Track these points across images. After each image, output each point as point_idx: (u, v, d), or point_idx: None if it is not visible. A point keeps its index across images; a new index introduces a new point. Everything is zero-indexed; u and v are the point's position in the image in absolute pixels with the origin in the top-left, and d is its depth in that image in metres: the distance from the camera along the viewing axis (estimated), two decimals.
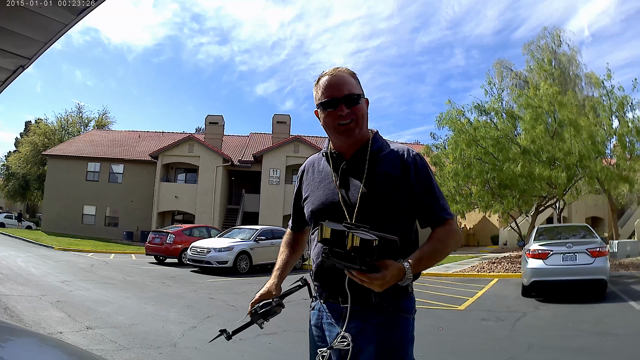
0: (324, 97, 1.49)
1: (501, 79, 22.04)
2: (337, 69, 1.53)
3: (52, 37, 3.47)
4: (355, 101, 1.48)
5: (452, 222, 1.50)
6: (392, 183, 1.46)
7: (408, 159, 1.49)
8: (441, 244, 1.45)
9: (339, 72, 1.52)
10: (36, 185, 38.23)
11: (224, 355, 4.44)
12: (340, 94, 1.47)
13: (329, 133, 1.56)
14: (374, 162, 1.51)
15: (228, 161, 28.96)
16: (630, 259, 13.91)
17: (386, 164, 1.49)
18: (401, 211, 1.46)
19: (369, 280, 1.29)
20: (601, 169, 13.34)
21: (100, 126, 43.41)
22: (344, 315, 1.41)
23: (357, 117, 1.49)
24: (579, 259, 7.99)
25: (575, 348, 4.96)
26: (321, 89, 1.51)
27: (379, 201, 1.44)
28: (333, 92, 1.48)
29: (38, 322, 5.37)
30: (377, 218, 1.42)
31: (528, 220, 18.52)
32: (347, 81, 1.50)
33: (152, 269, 13.30)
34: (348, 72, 1.53)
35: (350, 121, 1.48)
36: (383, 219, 1.43)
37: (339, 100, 1.47)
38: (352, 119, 1.48)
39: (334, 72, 1.51)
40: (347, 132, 1.50)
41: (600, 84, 14.79)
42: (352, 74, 1.54)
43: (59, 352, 1.35)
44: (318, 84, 1.53)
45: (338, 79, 1.49)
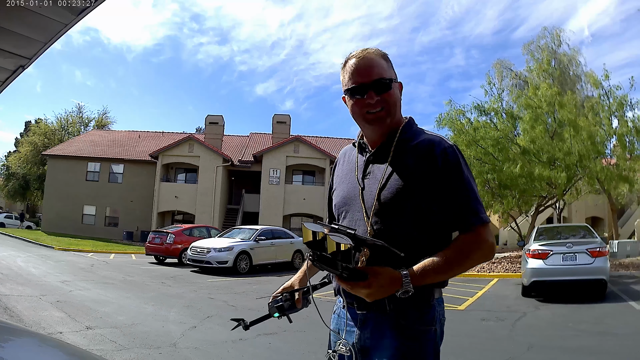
0: (350, 82, 1.34)
1: (501, 79, 22.05)
2: (366, 50, 1.36)
3: (52, 37, 3.47)
4: (386, 87, 1.33)
5: (482, 229, 1.26)
6: (414, 178, 1.28)
7: (436, 151, 1.29)
8: (459, 254, 1.25)
9: (368, 53, 1.35)
10: (36, 185, 38.24)
11: (224, 355, 4.44)
12: (368, 79, 1.32)
13: (357, 122, 1.40)
14: (399, 153, 1.34)
15: (228, 161, 28.96)
16: (630, 259, 13.90)
17: (412, 157, 1.32)
18: (423, 211, 1.28)
19: (351, 288, 1.19)
20: (601, 169, 13.35)
21: (100, 126, 43.43)
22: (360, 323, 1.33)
23: (388, 104, 1.33)
24: (579, 259, 7.99)
25: (575, 348, 4.96)
26: (348, 74, 1.36)
27: (397, 198, 1.28)
28: (361, 77, 1.33)
29: (38, 322, 5.37)
30: (394, 217, 1.29)
31: (528, 220, 18.53)
32: (377, 64, 1.34)
33: (152, 269, 13.30)
34: (378, 54, 1.36)
35: (381, 109, 1.33)
36: (401, 219, 1.28)
37: (367, 87, 1.32)
38: (382, 107, 1.33)
39: (362, 54, 1.35)
40: (376, 122, 1.35)
41: (599, 84, 14.80)
42: (382, 56, 1.37)
43: (59, 352, 1.35)
44: (345, 68, 1.37)
45: (366, 62, 1.33)
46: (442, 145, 1.31)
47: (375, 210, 1.31)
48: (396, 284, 1.18)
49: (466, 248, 1.26)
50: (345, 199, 1.42)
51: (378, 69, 1.33)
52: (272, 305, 1.51)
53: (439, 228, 1.31)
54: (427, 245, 1.27)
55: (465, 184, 1.29)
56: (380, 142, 1.39)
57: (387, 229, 1.29)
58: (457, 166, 1.29)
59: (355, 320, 1.34)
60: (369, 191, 1.34)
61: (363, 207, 1.34)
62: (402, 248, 1.20)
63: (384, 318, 1.28)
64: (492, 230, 1.30)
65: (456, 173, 1.28)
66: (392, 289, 1.19)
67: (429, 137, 1.35)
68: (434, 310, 1.31)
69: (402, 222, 1.28)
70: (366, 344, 1.31)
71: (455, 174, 1.28)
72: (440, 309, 1.33)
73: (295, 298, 1.49)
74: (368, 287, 1.17)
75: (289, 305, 1.49)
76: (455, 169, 1.29)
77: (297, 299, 1.49)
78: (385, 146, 1.37)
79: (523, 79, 21.39)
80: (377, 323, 1.30)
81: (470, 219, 1.26)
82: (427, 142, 1.32)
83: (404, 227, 1.28)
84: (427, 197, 1.27)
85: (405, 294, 1.19)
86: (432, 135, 1.37)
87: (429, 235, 1.29)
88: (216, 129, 30.34)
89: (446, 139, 1.36)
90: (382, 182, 1.32)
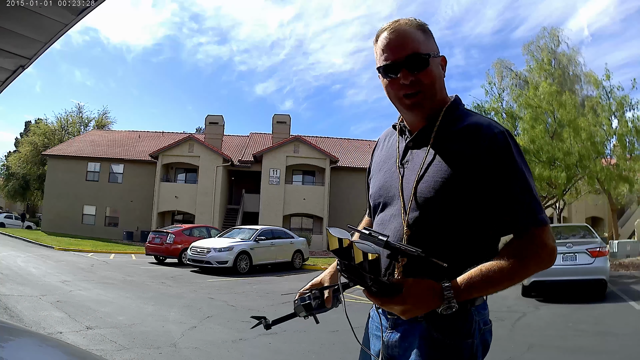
0: (382, 59, 1.17)
1: (501, 79, 22.04)
2: (398, 22, 1.17)
3: (52, 37, 3.47)
4: (423, 63, 1.13)
5: (540, 232, 1.06)
6: (457, 169, 1.10)
7: (484, 138, 1.09)
8: (513, 263, 1.04)
9: (401, 25, 1.16)
10: (36, 185, 38.24)
11: (224, 355, 4.44)
12: (401, 55, 1.13)
13: (395, 105, 1.22)
14: (442, 139, 1.16)
15: (228, 161, 28.96)
16: (630, 259, 13.91)
17: (456, 143, 1.13)
18: (469, 209, 1.10)
19: (381, 304, 1.05)
20: (601, 169, 13.37)
21: (100, 126, 43.42)
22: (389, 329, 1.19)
23: (425, 86, 1.14)
24: (579, 259, 8.00)
25: (575, 348, 4.96)
26: (380, 49, 1.18)
27: (437, 193, 1.11)
28: (393, 53, 1.14)
29: (38, 322, 5.37)
30: (434, 216, 1.11)
31: None
32: (412, 38, 1.14)
33: (152, 269, 13.30)
34: (414, 25, 1.17)
35: (418, 92, 1.15)
36: (442, 218, 1.11)
37: (400, 64, 1.13)
38: (420, 90, 1.15)
39: (395, 27, 1.16)
40: (414, 106, 1.17)
41: (600, 84, 14.81)
42: (420, 26, 1.18)
43: (59, 352, 1.35)
44: (377, 44, 1.20)
45: (400, 36, 1.14)
46: (491, 130, 1.10)
47: (413, 206, 1.14)
48: (437, 299, 1.02)
49: (521, 255, 1.05)
50: (381, 189, 1.26)
51: (413, 44, 1.13)
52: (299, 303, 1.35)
53: (487, 232, 1.13)
54: (474, 251, 1.10)
55: (519, 178, 1.08)
56: (422, 126, 1.20)
57: (425, 229, 1.12)
58: (509, 156, 1.08)
59: (385, 325, 1.19)
60: (408, 183, 1.17)
61: (401, 200, 1.17)
62: (444, 255, 1.04)
63: (415, 326, 1.12)
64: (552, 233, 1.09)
65: (508, 164, 1.08)
66: (432, 305, 1.03)
67: (477, 120, 1.15)
68: (472, 320, 1.11)
69: (443, 223, 1.11)
70: (393, 353, 1.16)
71: (507, 165, 1.08)
72: (480, 318, 1.13)
73: (325, 296, 1.33)
74: (402, 303, 1.01)
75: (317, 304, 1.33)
76: (507, 159, 1.08)
77: (326, 297, 1.33)
78: (427, 130, 1.19)
79: (523, 79, 21.39)
80: (406, 331, 1.14)
81: (526, 219, 1.07)
82: (474, 126, 1.13)
83: (446, 229, 1.11)
84: (473, 193, 1.09)
85: (449, 309, 1.02)
86: (481, 118, 1.17)
87: (476, 239, 1.12)
88: (216, 129, 30.34)
89: (497, 123, 1.15)
90: (420, 173, 1.14)
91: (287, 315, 1.41)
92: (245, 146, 31.98)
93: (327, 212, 27.99)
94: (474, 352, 1.10)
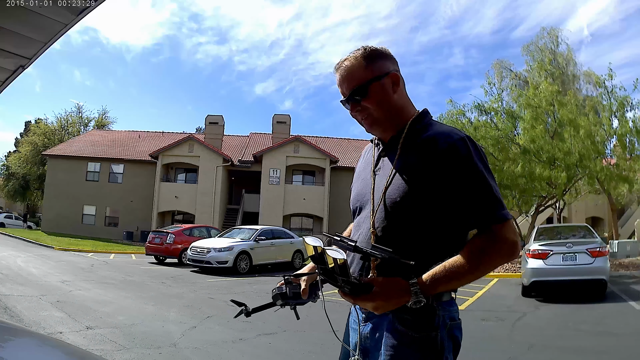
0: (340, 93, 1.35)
1: (501, 79, 22.06)
2: (345, 60, 1.33)
3: (52, 37, 3.47)
4: (363, 94, 1.29)
5: (500, 227, 1.15)
6: (420, 175, 1.20)
7: (442, 145, 1.19)
8: (475, 257, 1.14)
9: (344, 64, 1.32)
10: (36, 185, 38.24)
11: (224, 355, 4.44)
12: (345, 92, 1.32)
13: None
14: (407, 148, 1.27)
15: (228, 161, 28.96)
16: (630, 259, 13.91)
17: (418, 151, 1.23)
18: (433, 211, 1.19)
19: (354, 302, 1.16)
20: (601, 169, 13.36)
21: (100, 126, 43.43)
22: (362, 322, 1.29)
23: (371, 109, 1.30)
24: (579, 259, 8.00)
25: (575, 348, 4.96)
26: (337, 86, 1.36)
27: (403, 197, 1.21)
28: (341, 90, 1.33)
29: (38, 322, 5.37)
30: (401, 218, 1.21)
31: (528, 220, 18.52)
32: (350, 74, 1.30)
33: (152, 269, 13.30)
34: (357, 58, 1.31)
35: (368, 116, 1.31)
36: (408, 220, 1.21)
37: (347, 99, 1.33)
38: (369, 114, 1.31)
39: (339, 66, 1.33)
40: (372, 125, 1.33)
41: (602, 83, 14.79)
42: (363, 57, 1.31)
43: (59, 352, 1.35)
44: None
45: (341, 75, 1.32)
46: (451, 138, 1.20)
47: (381, 210, 1.24)
48: (405, 295, 1.12)
49: (482, 250, 1.14)
50: (358, 194, 1.39)
51: (351, 80, 1.30)
52: (276, 292, 1.43)
53: (453, 229, 1.22)
54: (440, 249, 1.19)
55: (478, 179, 1.17)
56: (391, 137, 1.33)
57: (393, 231, 1.22)
58: (467, 159, 1.18)
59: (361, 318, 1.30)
60: (378, 188, 1.29)
61: (372, 203, 1.28)
62: (412, 253, 1.15)
63: (383, 319, 1.22)
64: (514, 228, 1.18)
65: (467, 167, 1.17)
66: (402, 301, 1.12)
67: (439, 129, 1.25)
68: (435, 314, 1.18)
69: (409, 224, 1.20)
70: (366, 344, 1.26)
71: (465, 168, 1.17)
72: (445, 314, 1.20)
73: (302, 287, 1.40)
74: (373, 300, 1.12)
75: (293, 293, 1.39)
76: (465, 162, 1.18)
77: (303, 288, 1.40)
78: (395, 141, 1.31)
79: (523, 79, 21.41)
80: (376, 324, 1.24)
81: (486, 217, 1.16)
82: (436, 135, 1.23)
83: (412, 230, 1.20)
84: (436, 195, 1.18)
85: (417, 304, 1.11)
86: (444, 128, 1.26)
87: (442, 237, 1.21)
88: (216, 129, 30.34)
89: (459, 130, 1.25)
90: (389, 180, 1.25)
91: (266, 304, 1.47)
92: (245, 146, 31.98)
93: (327, 212, 28.00)
94: (438, 345, 1.17)
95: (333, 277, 1.11)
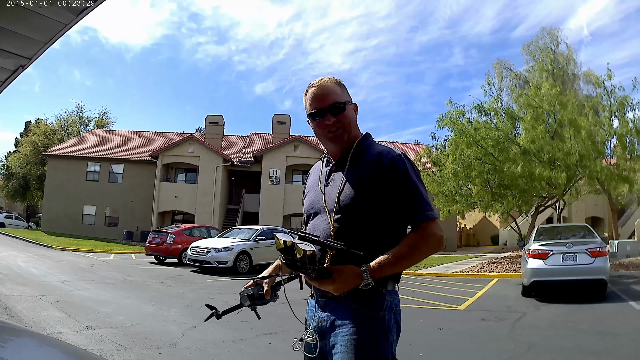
0: (311, 108, 1.58)
1: (501, 80, 22.05)
2: (322, 80, 1.60)
3: (52, 37, 3.47)
4: (340, 109, 1.56)
5: (428, 225, 1.44)
6: (366, 186, 1.49)
7: (384, 161, 1.50)
8: (409, 248, 1.43)
9: (323, 82, 1.59)
10: (36, 185, 38.23)
11: (224, 355, 4.45)
12: (325, 104, 1.55)
13: (321, 140, 1.65)
14: (354, 164, 1.56)
15: (228, 161, 28.96)
16: (630, 259, 13.90)
17: (364, 167, 1.53)
18: (376, 212, 1.48)
19: (319, 285, 1.40)
20: (601, 169, 13.34)
21: (100, 126, 43.42)
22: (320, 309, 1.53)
23: (343, 124, 1.57)
24: (579, 259, 8.00)
25: (575, 348, 4.96)
26: (309, 101, 1.59)
27: (353, 201, 1.49)
28: (319, 103, 1.56)
29: (38, 322, 5.37)
30: (352, 218, 1.49)
31: (528, 220, 18.54)
32: (332, 91, 1.57)
33: (152, 269, 13.30)
34: (333, 82, 1.60)
35: (338, 129, 1.57)
36: (357, 220, 1.48)
37: (325, 111, 1.55)
38: (339, 127, 1.57)
39: (319, 83, 1.59)
40: (335, 139, 1.59)
41: (601, 84, 14.77)
42: (337, 82, 1.61)
43: (59, 352, 1.35)
44: (306, 96, 1.61)
45: (323, 90, 1.57)
46: (390, 155, 1.51)
47: (336, 212, 1.52)
48: (358, 278, 1.37)
49: (414, 243, 1.44)
50: (312, 203, 1.64)
51: (333, 95, 1.56)
52: (244, 294, 1.63)
53: (393, 227, 1.50)
54: (383, 242, 1.45)
55: (411, 187, 1.47)
56: (340, 155, 1.61)
57: (346, 228, 1.49)
58: (404, 171, 1.48)
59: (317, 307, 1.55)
60: (330, 196, 1.56)
61: (326, 209, 1.55)
62: (361, 246, 1.41)
63: (339, 303, 1.48)
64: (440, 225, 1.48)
65: (403, 177, 1.48)
66: (355, 283, 1.38)
67: (380, 149, 1.56)
68: (384, 298, 1.47)
69: (359, 223, 1.48)
70: (323, 326, 1.51)
71: (402, 178, 1.48)
72: (392, 299, 1.49)
73: (265, 289, 1.63)
74: (333, 283, 1.37)
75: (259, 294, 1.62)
76: (402, 173, 1.48)
77: (265, 290, 1.63)
78: (344, 158, 1.60)
79: (523, 79, 21.41)
80: (332, 309, 1.50)
81: (416, 216, 1.45)
82: (378, 152, 1.54)
83: (361, 227, 1.48)
84: (379, 200, 1.47)
85: (367, 286, 1.38)
86: (383, 147, 1.58)
87: (384, 234, 1.48)
88: (216, 129, 30.34)
89: (395, 149, 1.55)
90: (341, 188, 1.54)
91: (235, 306, 1.69)
92: (245, 146, 31.98)
93: None
94: (386, 323, 1.46)
95: (302, 266, 1.35)
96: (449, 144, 15.98)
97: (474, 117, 15.58)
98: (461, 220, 29.46)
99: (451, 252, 24.56)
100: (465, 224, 33.80)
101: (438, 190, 16.75)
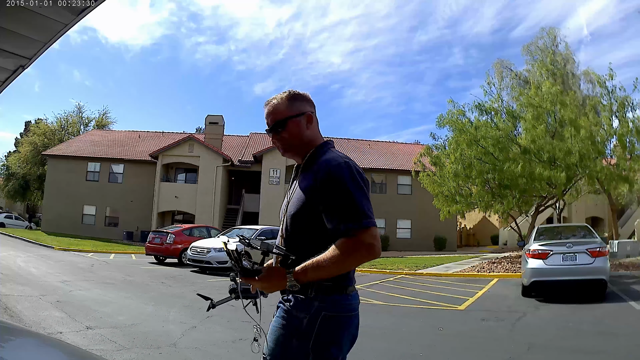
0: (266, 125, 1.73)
1: (501, 79, 22.06)
2: (274, 98, 1.70)
3: (52, 37, 3.47)
4: (282, 127, 1.66)
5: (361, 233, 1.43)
6: (304, 196, 1.56)
7: (319, 172, 1.53)
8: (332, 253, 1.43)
9: (272, 101, 1.70)
10: (36, 185, 38.20)
11: (224, 355, 4.45)
12: (269, 124, 1.69)
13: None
14: (303, 174, 1.65)
15: (228, 161, 28.96)
16: (630, 259, 13.90)
17: (307, 177, 1.60)
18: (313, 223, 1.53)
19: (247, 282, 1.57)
20: (601, 169, 13.33)
21: (100, 126, 43.40)
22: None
23: (286, 139, 1.67)
24: (579, 259, 7.99)
25: (575, 348, 4.96)
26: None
27: (295, 212, 1.59)
28: (266, 122, 1.70)
29: (38, 322, 5.37)
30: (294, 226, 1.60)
31: (528, 220, 18.52)
32: (273, 111, 1.67)
33: (152, 269, 13.31)
34: (279, 99, 1.68)
35: (284, 144, 1.69)
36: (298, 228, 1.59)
37: (269, 130, 1.70)
38: (285, 143, 1.69)
39: (268, 103, 1.70)
40: (285, 152, 1.72)
41: (603, 83, 14.75)
42: (288, 97, 1.68)
43: (59, 352, 1.35)
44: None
45: (268, 109, 1.69)
46: (329, 164, 1.53)
47: (285, 220, 1.64)
48: (282, 279, 1.48)
49: (346, 250, 1.43)
50: (281, 210, 1.73)
51: (273, 116, 1.67)
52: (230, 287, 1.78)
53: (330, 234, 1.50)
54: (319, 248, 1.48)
55: (345, 196, 1.47)
56: (300, 164, 1.71)
57: (290, 236, 1.61)
58: (338, 180, 1.49)
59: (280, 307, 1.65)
60: (285, 204, 1.68)
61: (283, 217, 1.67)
62: (300, 252, 1.49)
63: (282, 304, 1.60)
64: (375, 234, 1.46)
65: (337, 187, 1.48)
66: (281, 283, 1.49)
67: (326, 157, 1.58)
68: (310, 303, 1.51)
69: (299, 230, 1.58)
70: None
71: (336, 188, 1.48)
72: (324, 305, 1.51)
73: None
74: (259, 282, 1.50)
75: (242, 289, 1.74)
76: (336, 183, 1.48)
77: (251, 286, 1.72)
78: (298, 167, 1.72)
79: (523, 79, 21.41)
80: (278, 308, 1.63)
81: (351, 225, 1.44)
82: (322, 162, 1.57)
83: (299, 234, 1.58)
84: (316, 208, 1.52)
85: (293, 287, 1.48)
86: (331, 155, 1.59)
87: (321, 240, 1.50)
88: (216, 129, 30.34)
89: (341, 157, 1.56)
90: (290, 197, 1.65)
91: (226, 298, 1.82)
92: (245, 146, 31.97)
93: None
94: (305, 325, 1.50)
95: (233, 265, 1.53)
96: (449, 143, 15.97)
97: (475, 116, 15.58)
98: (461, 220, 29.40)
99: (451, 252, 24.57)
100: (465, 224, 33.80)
101: (438, 190, 16.75)
